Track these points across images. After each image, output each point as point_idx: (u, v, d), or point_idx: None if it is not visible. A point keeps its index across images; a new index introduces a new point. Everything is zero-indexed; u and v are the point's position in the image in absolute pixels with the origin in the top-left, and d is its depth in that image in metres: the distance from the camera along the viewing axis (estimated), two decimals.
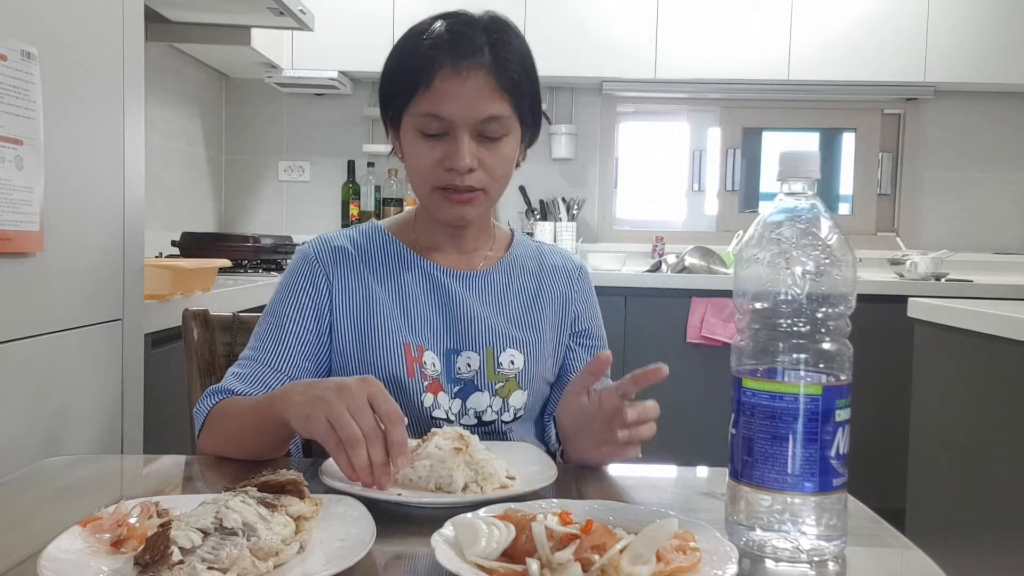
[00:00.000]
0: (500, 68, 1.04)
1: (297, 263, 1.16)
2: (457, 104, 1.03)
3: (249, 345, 1.13)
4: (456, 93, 1.03)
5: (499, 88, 1.04)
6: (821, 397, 0.69)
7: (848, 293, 0.71)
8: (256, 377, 1.08)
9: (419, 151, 1.07)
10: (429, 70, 1.03)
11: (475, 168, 1.06)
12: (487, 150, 1.06)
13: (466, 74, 1.03)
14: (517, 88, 1.06)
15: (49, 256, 1.24)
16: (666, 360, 0.96)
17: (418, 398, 1.10)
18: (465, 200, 1.08)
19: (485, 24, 1.07)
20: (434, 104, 1.04)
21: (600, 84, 3.56)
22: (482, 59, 1.04)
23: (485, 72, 1.04)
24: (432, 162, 1.06)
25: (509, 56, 1.06)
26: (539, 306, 1.20)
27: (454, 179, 1.06)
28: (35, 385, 1.24)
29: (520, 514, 0.67)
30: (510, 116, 1.07)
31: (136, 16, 1.51)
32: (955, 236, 3.73)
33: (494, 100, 1.04)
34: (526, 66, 1.09)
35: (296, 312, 1.12)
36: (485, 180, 1.07)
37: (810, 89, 3.57)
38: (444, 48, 1.04)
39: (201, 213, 3.53)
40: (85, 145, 1.35)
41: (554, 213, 3.61)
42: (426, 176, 1.08)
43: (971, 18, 3.40)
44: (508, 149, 1.09)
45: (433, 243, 1.18)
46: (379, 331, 1.11)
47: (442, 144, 1.05)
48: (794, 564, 0.70)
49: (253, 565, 0.61)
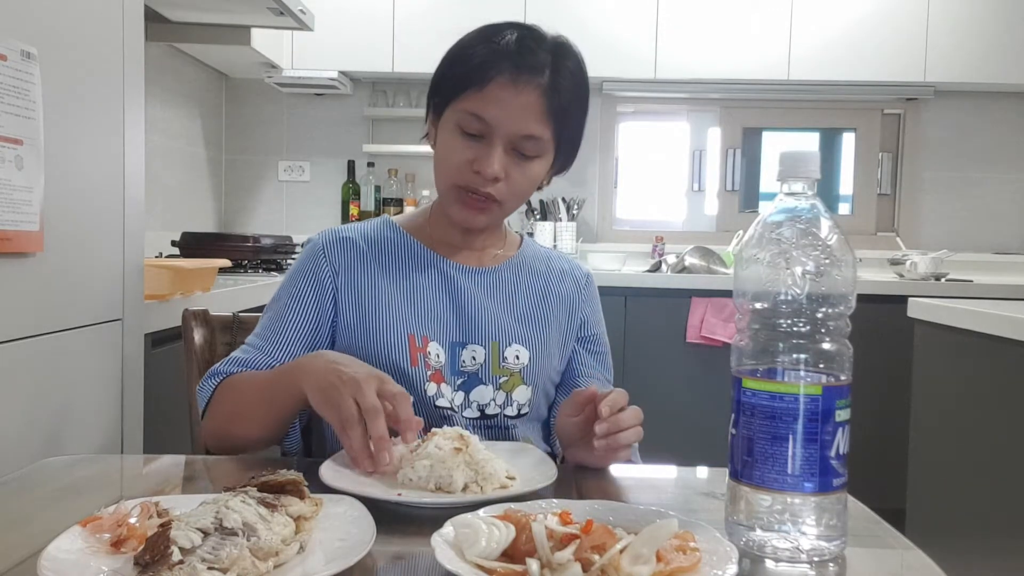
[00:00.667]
0: (554, 92, 1.06)
1: (305, 256, 1.18)
2: (503, 113, 1.04)
3: (254, 332, 1.16)
4: (506, 102, 1.04)
5: (547, 111, 1.06)
6: (821, 397, 0.69)
7: (848, 293, 0.71)
8: (254, 365, 1.10)
9: (452, 145, 1.08)
10: (487, 72, 1.04)
11: (501, 179, 1.07)
12: (516, 165, 1.08)
13: (521, 87, 1.04)
14: (564, 116, 1.08)
15: (49, 256, 1.24)
16: (666, 360, 0.96)
17: (421, 387, 1.11)
18: (480, 208, 1.10)
19: (552, 46, 1.09)
20: (481, 106, 1.05)
21: (600, 84, 3.56)
22: (540, 78, 1.05)
23: (539, 92, 1.05)
24: (462, 160, 1.07)
25: (565, 83, 1.07)
26: (546, 306, 1.22)
27: (477, 183, 1.07)
28: (35, 385, 1.24)
29: (520, 514, 0.67)
30: (548, 141, 1.08)
31: (136, 16, 1.51)
32: (955, 236, 3.73)
33: (539, 121, 1.06)
34: (579, 96, 1.10)
35: (297, 305, 1.14)
36: (505, 193, 1.09)
37: (810, 89, 3.57)
38: (508, 56, 1.05)
39: (201, 213, 3.53)
40: (85, 145, 1.35)
41: (554, 213, 3.61)
42: (451, 171, 1.09)
43: (971, 18, 3.40)
44: (536, 170, 1.10)
45: (445, 240, 1.20)
46: (384, 321, 1.12)
47: (476, 146, 1.07)
48: (794, 564, 0.70)
49: (253, 565, 0.61)
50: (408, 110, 3.66)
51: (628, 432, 0.95)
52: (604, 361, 1.28)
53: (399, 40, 3.37)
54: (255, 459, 1.03)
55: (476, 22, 1.12)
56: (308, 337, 1.13)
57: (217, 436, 1.08)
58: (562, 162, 1.15)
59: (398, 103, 3.69)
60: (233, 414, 1.06)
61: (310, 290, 1.14)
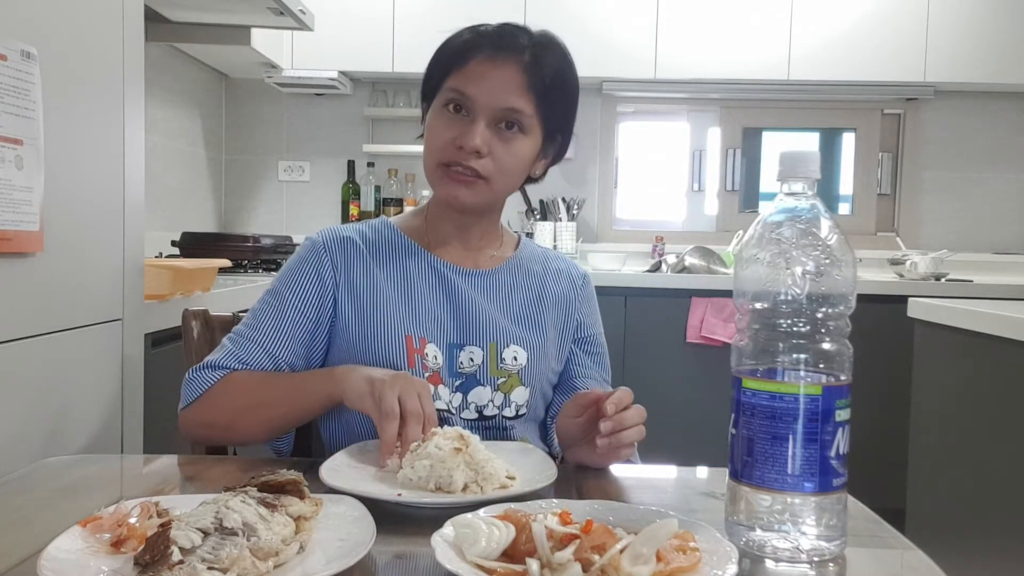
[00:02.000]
0: (534, 69, 1.08)
1: (305, 251, 1.17)
2: (483, 88, 1.07)
3: (244, 322, 1.14)
4: (485, 77, 1.07)
5: (527, 86, 1.08)
6: (821, 397, 0.69)
7: (848, 293, 0.71)
8: (248, 355, 1.09)
9: (437, 125, 1.10)
10: (468, 53, 1.08)
11: (484, 154, 1.08)
12: (500, 142, 1.09)
13: (500, 63, 1.07)
14: (545, 93, 1.09)
15: (49, 256, 1.24)
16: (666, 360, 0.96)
17: None
18: (465, 181, 1.09)
19: (534, 35, 1.12)
20: (463, 83, 1.08)
21: (600, 84, 3.56)
22: (520, 55, 1.08)
23: (518, 68, 1.08)
24: (445, 139, 1.09)
25: (546, 63, 1.09)
26: (543, 306, 1.22)
27: (461, 157, 1.08)
28: (35, 385, 1.24)
29: (520, 514, 0.67)
30: (531, 116, 1.09)
31: (136, 16, 1.51)
32: (955, 236, 3.73)
33: (519, 95, 1.08)
34: (562, 80, 1.12)
35: (298, 298, 1.13)
36: (491, 169, 1.09)
37: (810, 89, 3.57)
38: (488, 37, 1.09)
39: (201, 213, 3.53)
40: (85, 145, 1.35)
41: (554, 213, 3.61)
42: (436, 151, 1.10)
43: (971, 18, 3.40)
44: (522, 148, 1.11)
45: (441, 239, 1.20)
46: (382, 321, 1.12)
47: (459, 124, 1.08)
48: (794, 564, 0.70)
49: (253, 565, 0.61)
50: (408, 110, 3.66)
51: (631, 431, 0.95)
52: (601, 362, 1.28)
53: (399, 40, 3.37)
54: (255, 459, 1.03)
55: (476, 22, 1.13)
56: (309, 335, 1.13)
57: (209, 426, 1.08)
58: (554, 151, 1.16)
59: (398, 103, 3.70)
60: (242, 409, 1.07)
61: (312, 287, 1.14)
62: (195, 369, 1.09)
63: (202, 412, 1.08)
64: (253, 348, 1.10)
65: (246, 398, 1.07)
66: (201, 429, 1.09)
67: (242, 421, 1.07)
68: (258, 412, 1.07)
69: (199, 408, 1.08)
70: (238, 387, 1.07)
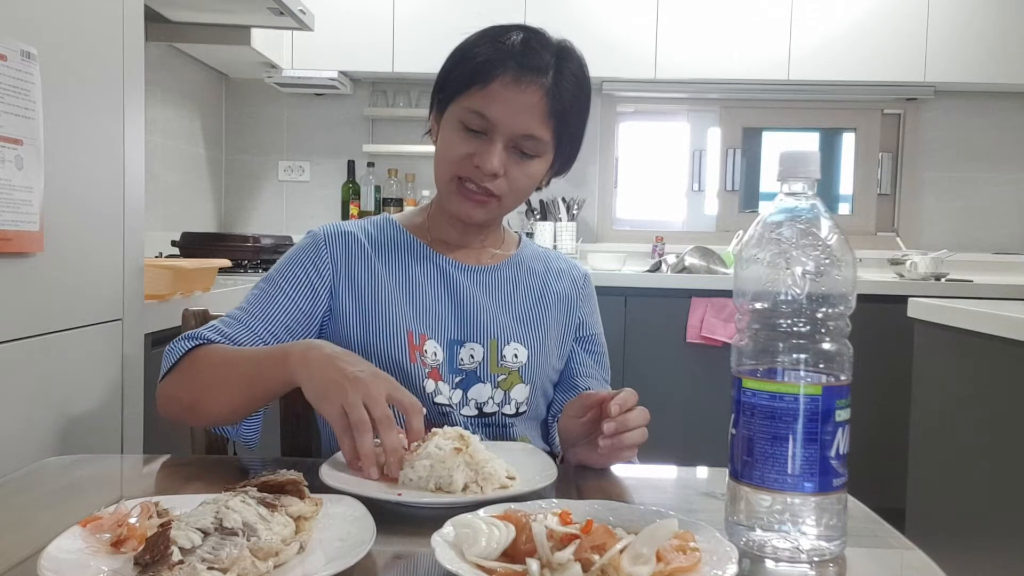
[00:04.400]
0: (556, 94, 1.07)
1: (306, 243, 1.17)
2: (505, 112, 1.05)
3: (239, 306, 1.13)
4: (509, 101, 1.05)
5: (548, 112, 1.07)
6: (821, 397, 0.69)
7: (848, 293, 0.71)
8: (236, 338, 1.07)
9: (453, 140, 1.09)
10: (492, 71, 1.06)
11: (500, 175, 1.08)
12: (516, 163, 1.09)
13: (524, 87, 1.05)
14: (564, 118, 1.09)
15: (49, 256, 1.24)
16: (666, 360, 0.96)
17: (420, 383, 1.11)
18: (478, 200, 1.10)
19: (556, 48, 1.10)
20: (484, 104, 1.06)
21: (600, 84, 3.56)
22: (543, 79, 1.06)
23: (542, 93, 1.06)
24: (462, 154, 1.08)
25: (567, 85, 1.08)
26: (543, 305, 1.22)
27: (476, 176, 1.08)
28: (35, 385, 1.24)
29: (520, 514, 0.67)
30: (548, 142, 1.09)
31: (136, 16, 1.51)
32: (955, 236, 3.73)
33: (540, 122, 1.07)
34: (580, 100, 1.11)
35: (293, 289, 1.13)
36: (504, 189, 1.10)
37: (810, 89, 3.57)
38: (512, 56, 1.06)
39: (201, 213, 3.53)
40: (85, 145, 1.35)
41: (554, 213, 3.61)
42: (451, 164, 1.10)
43: (971, 18, 3.40)
44: (535, 169, 1.11)
45: (443, 237, 1.20)
46: (382, 317, 1.12)
47: (476, 142, 1.08)
48: (794, 564, 0.70)
49: (253, 565, 0.61)
50: (408, 110, 3.66)
51: (634, 433, 0.95)
52: (601, 362, 1.28)
53: (399, 40, 3.37)
54: (255, 459, 1.03)
55: (476, 22, 1.13)
56: (295, 323, 1.12)
57: (178, 401, 1.04)
58: (561, 164, 1.16)
59: (398, 103, 3.69)
60: (206, 385, 1.02)
61: (307, 278, 1.13)
62: (175, 340, 1.06)
63: (171, 385, 1.04)
64: (238, 327, 1.08)
65: (210, 373, 1.02)
66: (172, 404, 1.05)
67: (205, 398, 1.02)
68: (220, 391, 1.01)
69: (170, 381, 1.04)
70: (204, 361, 1.03)
